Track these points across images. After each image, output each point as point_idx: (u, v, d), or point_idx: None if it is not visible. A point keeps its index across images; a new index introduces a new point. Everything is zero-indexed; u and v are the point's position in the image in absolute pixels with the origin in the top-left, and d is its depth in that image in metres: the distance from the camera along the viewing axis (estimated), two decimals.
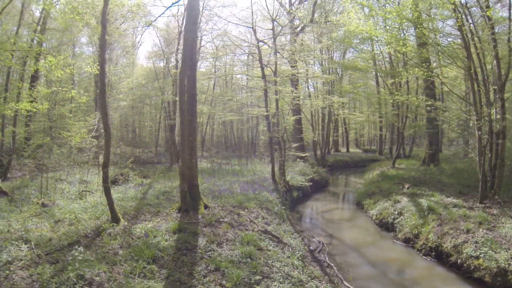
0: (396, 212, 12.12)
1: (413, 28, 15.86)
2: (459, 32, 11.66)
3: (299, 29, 21.06)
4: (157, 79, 28.09)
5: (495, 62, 11.56)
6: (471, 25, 11.95)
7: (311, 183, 17.99)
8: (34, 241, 6.63)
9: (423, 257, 9.48)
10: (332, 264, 8.55)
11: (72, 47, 25.32)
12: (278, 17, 17.17)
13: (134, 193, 12.14)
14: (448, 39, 13.31)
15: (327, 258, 9.02)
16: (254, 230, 8.72)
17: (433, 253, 9.31)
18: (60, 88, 14.62)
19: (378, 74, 29.22)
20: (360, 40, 25.97)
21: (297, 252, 8.21)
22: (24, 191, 12.10)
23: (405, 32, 13.99)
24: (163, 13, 15.81)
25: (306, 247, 9.38)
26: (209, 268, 6.40)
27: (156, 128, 37.36)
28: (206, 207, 9.89)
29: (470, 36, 11.78)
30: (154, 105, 35.77)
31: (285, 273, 6.74)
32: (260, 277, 6.29)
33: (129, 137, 36.94)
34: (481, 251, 7.94)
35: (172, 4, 14.63)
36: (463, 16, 11.58)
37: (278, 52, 16.92)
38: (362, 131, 55.86)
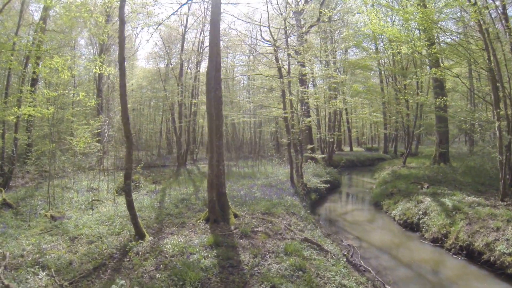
0: (421, 212, 12.04)
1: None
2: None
3: (304, 29, 20.61)
4: (162, 80, 27.37)
5: None
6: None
7: (328, 185, 17.70)
8: (53, 266, 5.99)
9: (453, 256, 9.46)
10: (369, 268, 8.35)
11: (71, 49, 24.48)
12: (288, 16, 16.68)
13: (150, 202, 11.52)
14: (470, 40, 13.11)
15: (362, 262, 8.79)
16: (294, 238, 8.24)
17: (464, 252, 9.31)
18: (67, 91, 13.93)
19: (384, 73, 29.02)
20: (370, 40, 25.85)
21: (341, 259, 7.82)
22: (30, 202, 11.42)
23: (421, 33, 13.76)
24: (177, 10, 15.25)
25: (341, 252, 8.97)
26: (263, 286, 5.84)
27: (157, 130, 36.70)
28: (235, 216, 9.38)
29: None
30: (155, 107, 35.10)
31: (338, 282, 6.37)
32: None
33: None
34: None
35: (188, 0, 13.78)
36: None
37: (289, 54, 16.41)
38: (363, 130, 55.79)
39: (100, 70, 11.81)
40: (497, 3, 11.75)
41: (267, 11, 15.10)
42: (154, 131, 39.03)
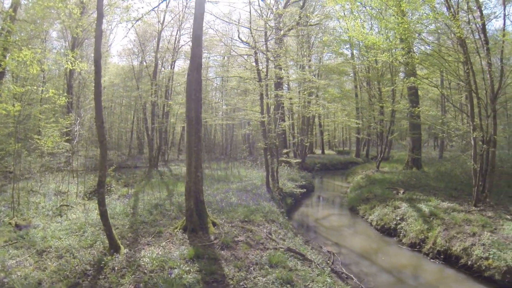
0: (398, 218, 12.29)
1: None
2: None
3: (282, 32, 20.49)
4: (135, 78, 26.43)
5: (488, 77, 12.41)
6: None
7: (304, 190, 17.65)
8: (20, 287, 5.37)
9: (431, 260, 9.72)
10: (352, 275, 8.37)
11: (41, 41, 23.13)
12: (268, 19, 16.46)
13: (122, 208, 10.88)
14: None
15: (344, 269, 8.78)
16: (276, 248, 7.98)
17: (442, 256, 9.62)
18: (35, 87, 13.03)
19: (359, 79, 29.36)
20: (347, 46, 26.15)
21: (326, 269, 7.65)
22: None
23: (399, 42, 14.07)
24: (158, 5, 14.56)
25: (324, 261, 8.86)
26: None
27: (129, 129, 35.55)
28: (214, 224, 9.01)
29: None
30: (127, 105, 33.93)
31: None
32: None
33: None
34: (490, 252, 8.43)
35: None
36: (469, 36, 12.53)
37: (268, 57, 16.18)
38: (335, 133, 56.45)
39: (72, 66, 11.05)
40: (477, 19, 12.10)
41: (250, 12, 14.79)
42: (125, 130, 37.80)
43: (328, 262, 8.96)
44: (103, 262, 6.43)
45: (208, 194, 12.89)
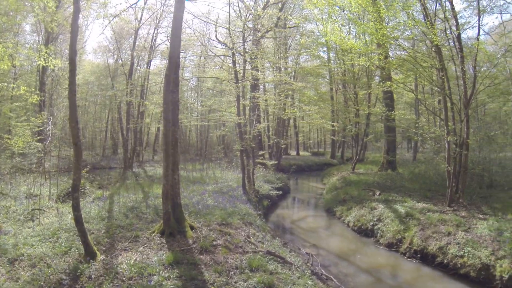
0: (375, 219, 12.49)
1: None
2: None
3: (260, 33, 20.47)
4: (110, 77, 25.74)
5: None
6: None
7: (281, 192, 17.67)
8: None
9: (408, 259, 9.97)
10: (331, 277, 8.43)
11: (14, 35, 22.07)
12: (247, 20, 16.35)
13: (97, 211, 10.46)
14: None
15: (323, 271, 8.83)
16: (256, 251, 7.90)
17: (418, 256, 9.90)
18: (5, 83, 12.45)
19: (335, 81, 29.73)
20: (324, 49, 26.49)
21: (306, 271, 7.66)
22: None
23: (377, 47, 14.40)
24: (137, 2, 14.09)
25: (303, 263, 8.86)
26: None
27: (103, 129, 34.61)
28: (191, 228, 8.82)
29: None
30: (101, 104, 32.98)
31: None
32: None
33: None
34: (465, 251, 8.80)
35: None
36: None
37: (245, 58, 16.06)
38: (310, 134, 56.87)
39: (45, 63, 10.65)
40: (453, 27, 12.46)
41: (229, 13, 14.67)
42: (100, 129, 36.78)
43: (307, 264, 8.97)
44: (79, 271, 6.15)
45: (184, 196, 12.64)
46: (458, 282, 8.39)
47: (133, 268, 6.26)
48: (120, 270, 6.23)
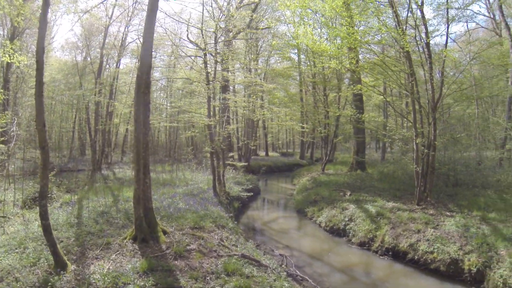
0: (347, 219, 12.74)
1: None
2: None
3: (231, 34, 20.39)
4: (79, 75, 24.73)
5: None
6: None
7: (251, 194, 17.69)
8: None
9: (381, 257, 10.32)
10: (306, 277, 8.52)
11: None
12: (219, 21, 16.20)
13: (66, 217, 9.95)
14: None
15: (298, 272, 8.89)
16: (230, 255, 7.81)
17: (390, 253, 10.28)
18: None
19: (305, 83, 30.03)
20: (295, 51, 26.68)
21: (281, 273, 7.68)
22: None
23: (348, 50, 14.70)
24: None
25: (278, 265, 8.85)
26: None
27: (70, 129, 33.25)
28: (164, 233, 8.59)
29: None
30: (68, 103, 31.59)
31: None
32: None
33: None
34: (434, 247, 9.27)
35: None
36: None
37: (216, 60, 15.91)
38: (279, 135, 57.18)
39: (10, 59, 10.06)
40: (423, 34, 12.93)
41: (202, 13, 14.45)
42: (66, 130, 35.32)
43: (282, 265, 8.98)
44: (49, 284, 5.76)
45: (155, 199, 12.21)
46: (429, 277, 8.76)
47: (106, 278, 6.00)
48: (93, 281, 5.96)
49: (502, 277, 7.58)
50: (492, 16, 23.82)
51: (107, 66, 27.21)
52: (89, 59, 26.09)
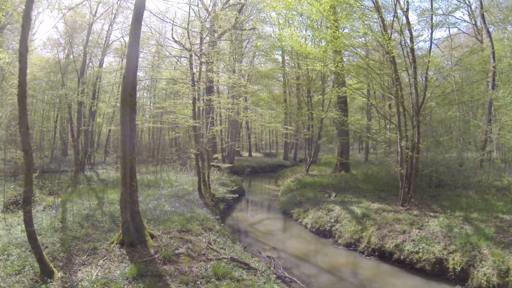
0: (333, 220, 12.87)
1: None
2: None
3: (216, 34, 20.30)
4: (61, 74, 24.00)
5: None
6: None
7: (236, 195, 17.67)
8: None
9: (367, 257, 10.48)
10: (295, 279, 8.59)
11: None
12: (205, 21, 16.11)
13: (50, 222, 9.62)
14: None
15: (286, 273, 8.94)
16: (219, 258, 7.77)
17: (376, 253, 10.47)
18: None
19: (289, 84, 30.16)
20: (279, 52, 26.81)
21: (271, 276, 7.71)
22: None
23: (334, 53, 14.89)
24: None
25: (267, 267, 8.87)
26: None
27: (52, 129, 32.40)
28: (152, 236, 8.48)
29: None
30: (50, 102, 30.67)
31: None
32: None
33: (19, 139, 30.86)
34: (420, 247, 9.50)
35: None
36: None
37: (202, 60, 15.79)
38: (262, 135, 57.24)
39: None
40: (407, 39, 13.17)
41: (189, 12, 14.30)
42: (48, 129, 34.43)
43: (270, 267, 8.98)
44: None
45: (141, 201, 11.88)
46: (415, 276, 8.98)
47: (95, 285, 5.86)
48: None
49: (485, 275, 7.85)
50: (473, 23, 24.55)
51: (91, 64, 26.65)
52: (71, 56, 25.43)
